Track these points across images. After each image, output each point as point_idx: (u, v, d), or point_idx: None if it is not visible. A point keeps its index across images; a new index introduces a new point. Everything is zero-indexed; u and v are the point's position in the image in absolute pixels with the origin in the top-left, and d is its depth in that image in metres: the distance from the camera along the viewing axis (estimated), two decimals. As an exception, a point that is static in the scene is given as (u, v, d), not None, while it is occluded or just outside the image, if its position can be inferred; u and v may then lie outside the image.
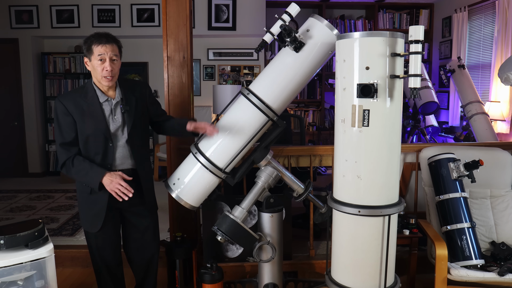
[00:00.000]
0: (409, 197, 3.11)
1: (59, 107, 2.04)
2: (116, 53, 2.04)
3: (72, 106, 2.03)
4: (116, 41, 2.06)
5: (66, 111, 2.03)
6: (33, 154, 6.11)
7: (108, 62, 1.99)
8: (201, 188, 2.16)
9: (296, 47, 1.94)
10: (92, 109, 2.05)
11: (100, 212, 2.11)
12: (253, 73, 6.23)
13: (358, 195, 1.81)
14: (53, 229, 3.82)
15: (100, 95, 2.07)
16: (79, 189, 2.17)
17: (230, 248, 2.89)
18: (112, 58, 2.01)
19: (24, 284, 1.85)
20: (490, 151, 2.72)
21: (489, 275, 2.21)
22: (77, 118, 2.03)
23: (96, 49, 1.99)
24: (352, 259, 1.88)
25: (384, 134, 1.76)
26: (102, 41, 1.99)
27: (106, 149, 2.07)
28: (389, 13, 6.45)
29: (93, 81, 2.09)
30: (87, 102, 2.05)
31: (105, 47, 1.99)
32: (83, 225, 2.21)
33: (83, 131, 2.04)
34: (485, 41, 5.14)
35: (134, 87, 2.19)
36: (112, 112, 2.09)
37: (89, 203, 2.13)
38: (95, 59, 2.00)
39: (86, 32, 5.78)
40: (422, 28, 1.62)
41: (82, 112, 2.03)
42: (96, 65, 2.00)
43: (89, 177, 2.03)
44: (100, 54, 1.99)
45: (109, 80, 2.03)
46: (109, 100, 2.09)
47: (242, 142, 2.09)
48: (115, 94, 2.11)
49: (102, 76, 2.02)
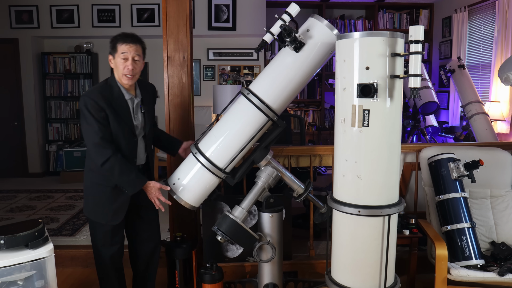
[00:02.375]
0: (409, 197, 3.11)
1: (91, 103, 2.02)
2: (140, 53, 2.10)
3: (102, 101, 2.05)
4: (141, 42, 2.13)
5: (98, 107, 2.03)
6: (33, 154, 6.11)
7: (130, 61, 2.06)
8: (201, 188, 2.16)
9: (296, 47, 1.94)
10: (119, 104, 2.10)
11: (124, 203, 2.17)
12: (253, 73, 6.23)
13: (358, 195, 1.81)
14: (53, 229, 3.82)
15: (125, 92, 2.13)
16: (99, 183, 2.15)
17: (230, 248, 2.89)
18: (135, 57, 2.08)
19: (24, 284, 1.85)
20: (490, 151, 2.72)
21: (489, 275, 2.21)
22: (109, 113, 2.06)
23: (120, 47, 2.06)
24: (352, 259, 1.88)
25: (384, 134, 1.76)
26: (127, 40, 2.06)
27: (132, 144, 2.15)
28: (389, 13, 6.45)
29: (116, 79, 2.14)
30: (114, 98, 2.10)
31: (129, 46, 2.06)
32: (101, 219, 2.19)
33: (115, 126, 2.08)
34: (485, 41, 5.14)
35: (147, 88, 2.29)
36: (133, 111, 2.16)
37: (112, 196, 2.15)
38: (119, 57, 2.06)
39: (86, 32, 5.84)
40: (422, 28, 1.62)
41: (112, 108, 2.07)
42: (119, 63, 2.07)
43: (131, 180, 2.08)
44: (124, 52, 2.05)
45: (129, 79, 2.08)
46: (132, 98, 2.16)
47: (242, 142, 2.09)
48: (135, 94, 2.19)
49: (123, 74, 2.07)
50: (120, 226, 2.26)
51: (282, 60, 2.04)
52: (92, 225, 2.26)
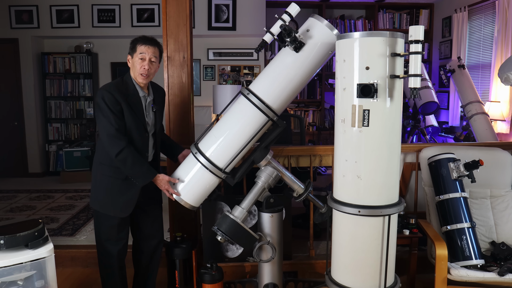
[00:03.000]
0: (409, 197, 3.11)
1: (108, 96, 2.10)
2: (157, 55, 2.21)
3: (118, 95, 2.13)
4: (159, 46, 2.24)
5: (115, 100, 2.11)
6: (33, 154, 6.11)
7: (147, 62, 2.16)
8: (201, 188, 2.17)
9: (296, 47, 1.94)
10: (134, 100, 2.19)
11: (134, 196, 2.22)
12: (253, 73, 6.23)
13: (358, 195, 1.81)
14: (53, 229, 3.82)
15: (139, 90, 2.22)
16: (110, 176, 2.21)
17: (230, 248, 2.89)
18: (152, 59, 2.18)
19: (24, 284, 1.85)
20: (490, 151, 2.72)
21: (489, 275, 2.21)
22: (124, 107, 2.14)
23: (139, 48, 2.17)
24: (352, 259, 1.88)
25: (384, 134, 1.76)
26: (146, 42, 2.18)
27: (144, 140, 2.23)
28: (389, 13, 6.45)
29: (131, 77, 2.22)
30: (129, 94, 2.18)
31: (147, 47, 2.17)
32: (110, 212, 2.23)
33: (129, 120, 2.15)
34: (485, 41, 5.14)
35: (159, 91, 2.39)
36: (146, 108, 2.25)
37: (123, 188, 2.21)
38: (137, 56, 2.17)
39: (86, 32, 5.84)
40: (422, 28, 1.62)
41: (127, 103, 2.15)
42: (137, 62, 2.17)
43: (143, 171, 2.15)
44: (142, 52, 2.16)
45: (144, 78, 2.18)
46: (145, 96, 2.25)
47: (242, 142, 2.09)
48: (148, 93, 2.28)
49: (139, 73, 2.17)
50: (126, 221, 2.30)
51: (282, 60, 2.04)
52: (98, 219, 2.29)
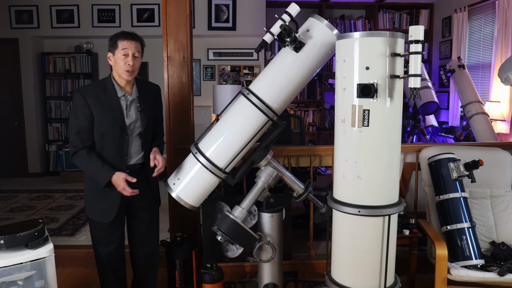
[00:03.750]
0: (409, 197, 3.11)
1: (79, 98, 2.10)
2: (139, 50, 2.15)
3: (91, 98, 2.10)
4: (141, 40, 2.17)
5: (85, 103, 2.09)
6: (33, 154, 6.11)
7: (130, 57, 2.10)
8: (201, 188, 2.16)
9: (296, 47, 1.94)
10: (110, 101, 2.13)
11: (115, 201, 2.17)
12: (253, 73, 6.23)
13: (358, 195, 1.81)
14: (53, 229, 3.82)
15: (118, 90, 2.16)
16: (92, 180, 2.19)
17: (230, 248, 2.89)
18: (135, 54, 2.12)
19: (24, 284, 1.85)
20: (490, 151, 2.72)
21: (489, 275, 2.21)
22: (95, 110, 2.10)
23: (121, 44, 2.09)
24: (352, 259, 1.88)
25: (384, 134, 1.76)
26: (128, 37, 2.11)
27: (122, 142, 2.15)
28: (389, 13, 6.45)
29: (113, 75, 2.17)
30: (106, 95, 2.13)
31: (129, 42, 2.10)
32: (94, 217, 2.23)
33: (102, 123, 2.11)
34: (485, 41, 5.14)
35: (150, 88, 2.30)
36: (127, 108, 2.17)
37: (103, 193, 2.17)
38: (119, 53, 2.09)
39: (86, 32, 5.84)
40: (422, 28, 1.62)
41: (101, 105, 2.11)
42: (120, 59, 2.10)
43: (100, 173, 2.10)
44: (124, 48, 2.09)
45: (129, 74, 2.12)
46: (126, 95, 2.17)
47: (242, 142, 2.09)
48: (132, 91, 2.20)
49: (123, 70, 2.10)
50: (116, 225, 2.25)
51: (282, 60, 2.04)
52: (90, 222, 2.29)
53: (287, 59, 2.01)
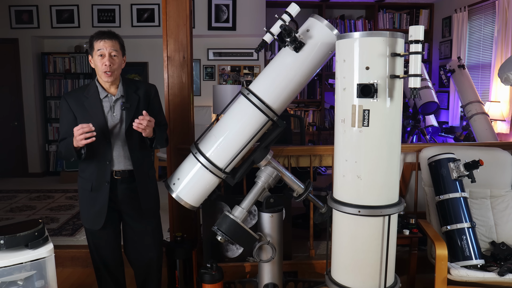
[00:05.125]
0: (409, 197, 3.11)
1: (63, 104, 2.13)
2: (117, 48, 2.07)
3: (74, 103, 2.10)
4: (117, 37, 2.09)
5: (68, 108, 2.11)
6: (33, 154, 6.11)
7: (107, 57, 2.03)
8: (201, 188, 2.16)
9: (296, 47, 1.94)
10: (91, 104, 2.09)
11: (102, 209, 2.13)
12: (253, 73, 6.23)
13: (358, 195, 1.81)
14: (53, 229, 3.82)
15: (101, 91, 2.11)
16: (81, 186, 2.18)
17: (230, 248, 2.89)
18: (112, 53, 2.05)
19: (24, 284, 1.85)
20: (490, 151, 2.72)
21: (489, 275, 2.21)
22: (78, 114, 2.08)
23: (96, 44, 2.05)
24: (352, 259, 1.88)
25: (384, 134, 1.76)
26: (102, 37, 2.04)
27: (104, 146, 2.08)
28: (389, 13, 6.45)
29: (97, 78, 2.14)
30: (89, 98, 2.10)
31: (104, 42, 2.03)
32: (85, 223, 2.23)
33: None
34: (485, 41, 5.14)
35: (139, 87, 2.20)
36: (111, 109, 2.11)
37: (90, 200, 2.15)
38: (96, 54, 2.05)
39: (86, 32, 5.83)
40: (422, 28, 1.62)
41: (83, 109, 2.08)
42: (97, 60, 2.05)
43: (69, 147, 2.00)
44: (100, 49, 2.03)
45: (109, 75, 2.05)
46: (109, 96, 2.12)
47: (242, 142, 2.09)
48: (117, 92, 2.13)
49: (102, 72, 2.05)
50: (108, 231, 2.20)
51: (282, 60, 2.04)
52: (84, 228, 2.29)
53: (287, 59, 2.01)
